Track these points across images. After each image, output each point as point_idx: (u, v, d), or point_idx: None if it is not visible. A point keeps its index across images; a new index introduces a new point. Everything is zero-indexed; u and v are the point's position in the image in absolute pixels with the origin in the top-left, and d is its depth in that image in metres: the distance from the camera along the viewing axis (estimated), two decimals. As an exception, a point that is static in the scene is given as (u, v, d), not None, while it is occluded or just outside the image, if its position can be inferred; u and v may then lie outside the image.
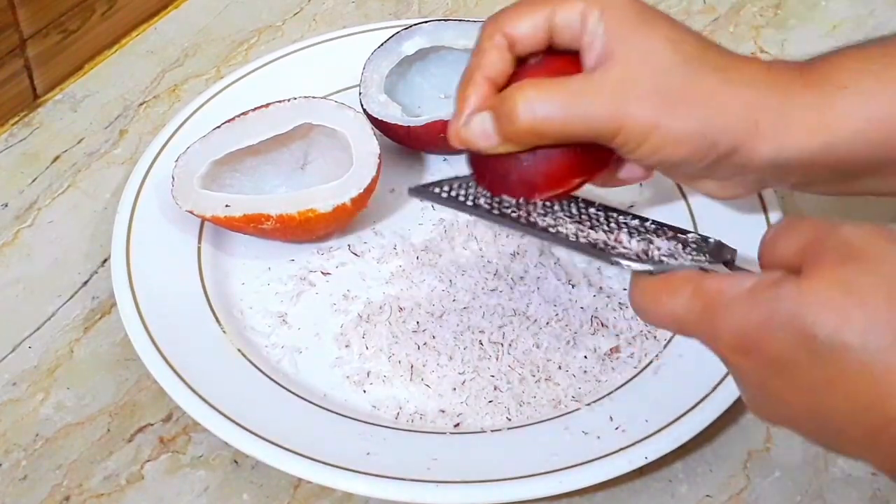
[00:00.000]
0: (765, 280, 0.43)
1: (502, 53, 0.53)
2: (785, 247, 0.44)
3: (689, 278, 0.46)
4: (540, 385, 0.61)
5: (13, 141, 0.76)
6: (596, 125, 0.51)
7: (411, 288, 0.66)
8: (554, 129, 0.51)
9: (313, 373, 0.62)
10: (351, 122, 0.68)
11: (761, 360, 0.43)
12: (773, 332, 0.42)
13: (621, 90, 0.51)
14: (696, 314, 0.45)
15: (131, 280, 0.64)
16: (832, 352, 0.41)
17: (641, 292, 0.48)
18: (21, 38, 0.74)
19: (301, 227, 0.65)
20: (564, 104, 0.51)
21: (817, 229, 0.44)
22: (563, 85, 0.51)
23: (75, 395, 0.63)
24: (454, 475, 0.56)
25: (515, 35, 0.53)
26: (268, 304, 0.66)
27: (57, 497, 0.58)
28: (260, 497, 0.58)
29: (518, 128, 0.51)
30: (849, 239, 0.42)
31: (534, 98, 0.51)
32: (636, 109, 0.50)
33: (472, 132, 0.53)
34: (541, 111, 0.51)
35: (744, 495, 0.59)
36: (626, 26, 0.51)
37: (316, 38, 0.79)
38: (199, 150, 0.68)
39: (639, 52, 0.51)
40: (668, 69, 0.51)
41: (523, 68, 0.54)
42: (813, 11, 0.87)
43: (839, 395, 0.41)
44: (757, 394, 0.45)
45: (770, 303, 0.42)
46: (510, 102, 0.51)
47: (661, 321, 0.47)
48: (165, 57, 0.82)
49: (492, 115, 0.52)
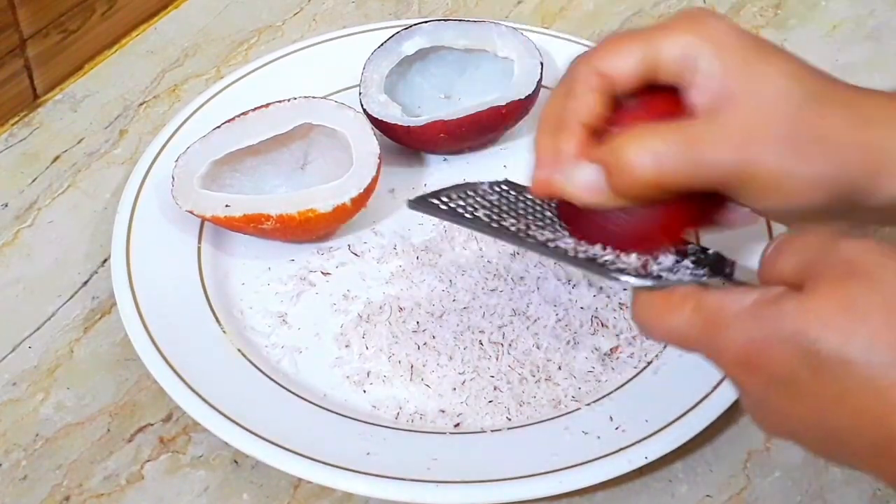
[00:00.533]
0: (767, 296, 0.43)
1: (598, 95, 0.48)
2: (785, 262, 0.44)
3: (689, 294, 0.46)
4: (540, 385, 0.61)
5: (13, 141, 0.76)
6: (724, 174, 0.46)
7: (411, 288, 0.66)
8: (677, 182, 0.46)
9: (313, 373, 0.62)
10: (351, 122, 0.68)
11: (765, 377, 0.43)
12: (775, 349, 0.42)
13: (749, 134, 0.46)
14: (698, 330, 0.45)
15: (131, 280, 0.64)
16: (836, 368, 0.41)
17: (643, 309, 0.47)
18: (21, 38, 0.74)
19: (301, 227, 0.65)
20: (688, 153, 0.46)
21: (817, 245, 0.43)
22: (683, 132, 0.46)
23: (75, 395, 0.63)
24: (454, 475, 0.56)
25: (614, 75, 0.48)
26: (268, 304, 0.66)
27: (57, 497, 0.58)
28: (260, 497, 0.58)
29: (636, 181, 0.46)
30: (849, 255, 0.42)
31: (652, 147, 0.46)
32: (764, 156, 0.46)
33: (578, 187, 0.48)
34: (665, 161, 0.46)
35: (744, 495, 0.59)
36: (742, 63, 0.47)
37: (316, 38, 0.79)
38: (199, 150, 0.68)
39: (762, 91, 0.46)
40: (798, 110, 0.46)
41: (622, 111, 0.49)
42: (813, 11, 0.87)
43: (844, 410, 0.41)
44: (761, 409, 0.45)
45: (772, 320, 0.42)
46: (628, 152, 0.46)
47: (664, 337, 0.47)
48: (165, 57, 0.82)
49: (601, 168, 0.47)
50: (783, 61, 0.47)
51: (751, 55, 0.47)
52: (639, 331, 0.48)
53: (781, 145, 0.46)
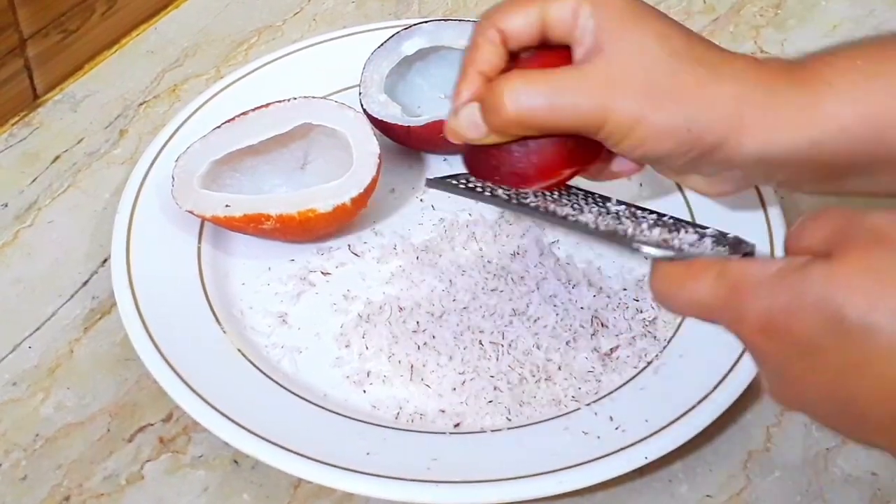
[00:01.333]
0: (793, 263, 0.43)
1: (495, 48, 0.54)
2: (813, 234, 0.44)
3: (712, 263, 0.46)
4: (540, 385, 0.61)
5: (13, 141, 0.76)
6: (581, 117, 0.51)
7: (411, 288, 0.66)
8: (539, 120, 0.52)
9: (313, 373, 0.62)
10: (351, 122, 0.68)
11: (787, 343, 0.42)
12: (800, 314, 0.42)
13: (607, 83, 0.51)
14: (721, 298, 0.45)
15: (131, 280, 0.64)
16: (861, 334, 0.40)
17: (663, 278, 0.47)
18: (21, 38, 0.74)
19: (301, 227, 0.65)
20: (550, 95, 0.51)
21: (845, 216, 0.43)
22: (549, 76, 0.52)
23: (75, 395, 0.63)
24: (454, 475, 0.56)
25: (508, 30, 0.54)
26: (268, 304, 0.66)
27: (57, 497, 0.58)
28: (260, 497, 0.59)
29: (504, 118, 0.52)
30: (878, 225, 0.42)
31: (519, 88, 0.52)
32: (621, 102, 0.51)
33: (461, 123, 0.54)
34: (526, 102, 0.52)
35: (744, 495, 0.59)
36: (616, 21, 0.52)
37: (316, 38, 0.79)
38: (199, 150, 0.68)
39: (627, 46, 0.52)
40: (655, 64, 0.51)
41: (515, 63, 0.54)
42: (813, 11, 0.87)
43: (866, 377, 0.41)
44: (780, 378, 0.44)
45: (798, 285, 0.42)
46: (496, 93, 0.52)
47: (684, 307, 0.47)
48: (165, 57, 0.82)
49: (480, 106, 0.53)
50: (655, 22, 0.53)
51: (626, 15, 0.52)
52: (658, 302, 0.48)
53: (634, 94, 0.51)
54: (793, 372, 0.43)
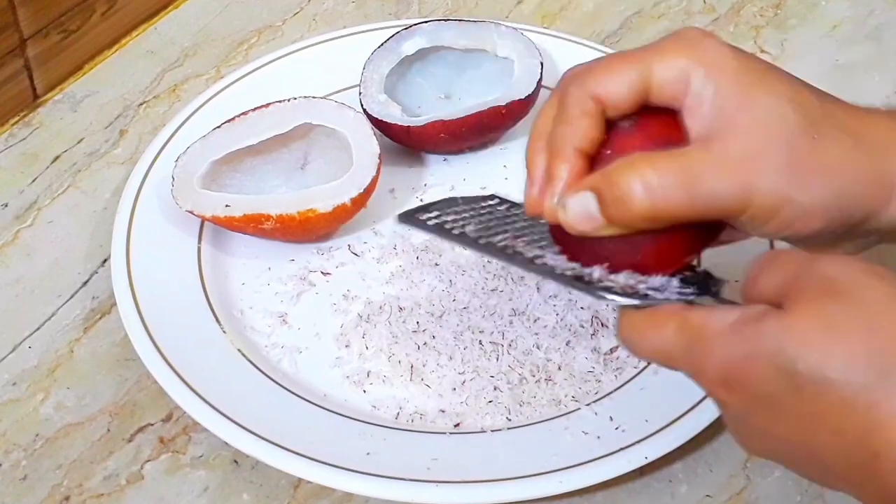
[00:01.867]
0: (747, 315, 0.43)
1: (591, 118, 0.47)
2: (767, 280, 0.44)
3: (673, 313, 0.45)
4: (540, 385, 0.61)
5: (13, 141, 0.76)
6: (722, 204, 0.45)
7: (411, 288, 0.66)
8: (672, 212, 0.45)
9: (313, 373, 0.62)
10: (351, 122, 0.68)
11: (745, 395, 0.43)
12: (756, 368, 0.42)
13: (747, 163, 0.45)
14: (682, 349, 0.45)
15: (131, 280, 0.64)
16: (815, 387, 0.41)
17: (627, 327, 0.47)
18: (21, 38, 0.74)
19: (301, 227, 0.65)
20: (686, 183, 0.45)
21: (798, 264, 0.43)
22: (678, 160, 0.45)
23: (75, 395, 0.63)
24: (454, 475, 0.56)
25: (607, 98, 0.47)
26: (268, 304, 0.66)
27: (57, 497, 0.58)
28: (260, 497, 0.58)
29: (633, 212, 0.45)
30: (829, 273, 0.42)
31: (650, 178, 0.45)
32: (765, 184, 0.45)
33: (572, 215, 0.47)
34: (661, 193, 0.45)
35: (744, 495, 0.59)
36: (739, 87, 0.46)
37: (316, 38, 0.79)
38: (199, 150, 0.68)
39: (761, 116, 0.45)
40: (795, 136, 0.45)
41: (616, 134, 0.48)
42: (813, 11, 0.87)
43: (824, 430, 0.41)
44: (743, 428, 0.45)
45: (753, 338, 0.42)
46: (623, 184, 0.45)
47: (648, 355, 0.47)
48: (165, 57, 0.82)
49: (595, 197, 0.46)
50: (781, 84, 0.47)
51: (747, 78, 0.46)
52: (625, 348, 0.48)
53: (780, 173, 0.45)
54: (754, 422, 0.44)
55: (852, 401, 0.40)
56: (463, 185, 0.72)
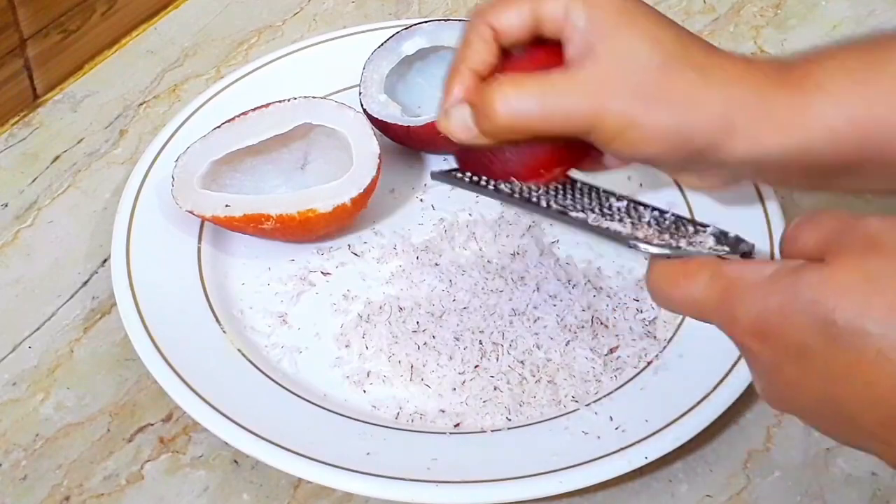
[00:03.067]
0: (786, 266, 0.43)
1: (487, 45, 0.54)
2: (807, 237, 0.44)
3: (707, 263, 0.46)
4: (540, 385, 0.61)
5: (13, 141, 0.76)
6: (571, 121, 0.51)
7: (411, 288, 0.66)
8: (530, 126, 0.52)
9: (313, 373, 0.62)
10: (351, 122, 0.68)
11: (779, 345, 0.43)
12: (792, 317, 0.42)
13: (597, 87, 0.51)
14: (715, 298, 0.45)
15: (131, 280, 0.64)
16: (851, 338, 0.40)
17: (659, 275, 0.47)
18: (21, 38, 0.74)
19: (301, 227, 0.65)
20: (540, 101, 0.51)
21: (840, 220, 0.43)
22: (540, 81, 0.52)
23: (75, 395, 0.63)
24: (454, 475, 0.56)
25: (500, 26, 0.54)
26: (268, 304, 0.66)
27: (57, 497, 0.58)
28: (260, 497, 0.59)
29: (495, 123, 0.52)
30: (873, 230, 0.42)
31: (510, 94, 0.51)
32: (611, 106, 0.51)
33: (452, 124, 0.54)
34: (517, 108, 0.51)
35: (744, 495, 0.59)
36: (608, 22, 0.52)
37: (316, 38, 0.79)
38: (199, 150, 0.68)
39: (618, 49, 0.51)
40: (646, 67, 0.51)
41: (507, 60, 0.54)
42: (813, 11, 0.87)
43: (856, 382, 0.41)
44: (771, 380, 0.45)
45: (791, 288, 0.42)
46: (488, 98, 0.52)
47: (678, 305, 0.47)
48: (165, 57, 0.82)
49: (471, 109, 0.53)
50: (647, 23, 0.52)
51: (618, 15, 0.52)
52: (653, 299, 0.48)
53: (624, 98, 0.51)
54: (784, 375, 0.44)
55: (888, 354, 0.40)
56: (463, 185, 0.72)
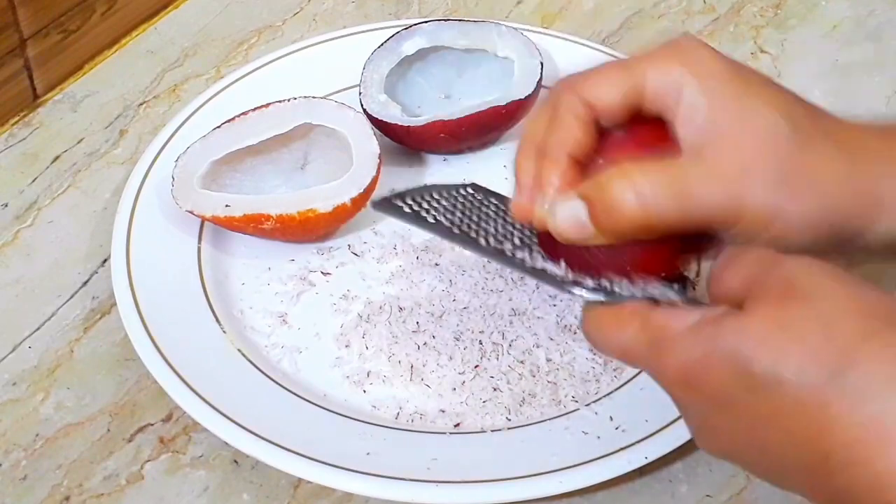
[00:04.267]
0: (708, 316, 0.43)
1: (583, 124, 0.47)
2: (731, 278, 0.44)
3: (637, 312, 0.46)
4: (540, 385, 0.61)
5: (13, 141, 0.76)
6: (711, 214, 0.45)
7: (411, 288, 0.66)
8: (666, 222, 0.45)
9: (313, 373, 0.62)
10: (351, 122, 0.68)
11: (703, 395, 0.43)
12: (713, 368, 0.42)
13: (739, 175, 0.45)
14: (643, 348, 0.45)
15: (131, 280, 0.64)
16: (769, 387, 0.41)
17: (592, 323, 0.47)
18: (21, 38, 0.74)
19: (301, 227, 0.65)
20: (677, 193, 0.45)
21: (760, 263, 0.43)
22: (670, 170, 0.45)
23: (75, 395, 0.63)
24: (454, 475, 0.56)
25: (599, 105, 0.47)
26: (268, 304, 0.66)
27: (57, 497, 0.58)
28: (260, 497, 0.58)
29: (623, 221, 0.45)
30: (790, 274, 0.42)
31: (642, 186, 0.45)
32: (757, 196, 0.45)
33: (562, 222, 0.47)
34: (652, 202, 0.45)
35: (744, 495, 0.59)
36: (732, 98, 0.46)
37: (316, 38, 0.79)
38: (199, 150, 0.68)
39: (752, 129, 0.45)
40: (786, 149, 0.45)
41: (608, 142, 0.48)
42: (813, 11, 0.87)
43: (777, 430, 0.41)
44: (701, 428, 0.45)
45: (711, 339, 0.42)
46: (614, 192, 0.45)
47: (611, 352, 0.47)
48: (165, 57, 0.82)
49: (585, 205, 0.46)
50: (773, 96, 0.47)
51: (740, 90, 0.46)
52: (589, 343, 0.48)
53: (771, 184, 0.45)
54: (711, 422, 0.44)
55: (805, 401, 0.40)
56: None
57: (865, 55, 0.84)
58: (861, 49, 0.84)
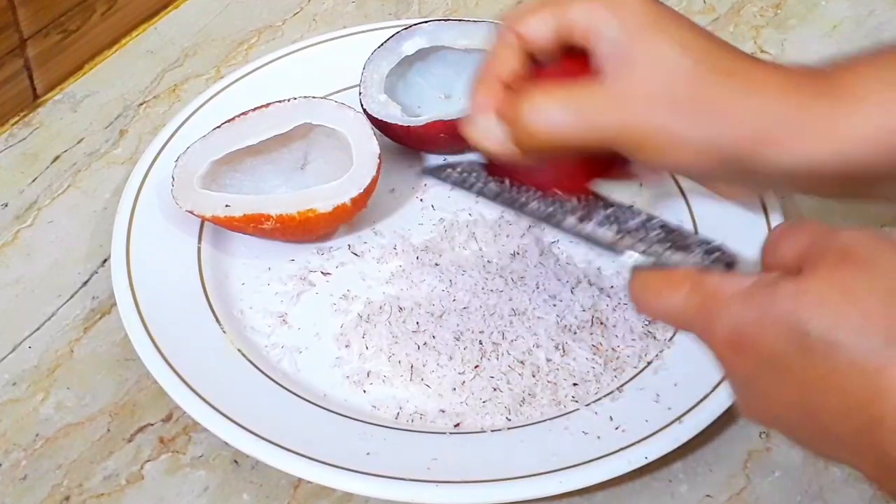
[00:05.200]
0: (763, 279, 0.44)
1: (514, 53, 0.52)
2: (785, 250, 0.45)
3: (688, 274, 0.47)
4: (540, 385, 0.61)
5: (13, 141, 0.76)
6: (606, 134, 0.50)
7: (411, 288, 0.66)
8: (565, 139, 0.50)
9: (313, 373, 0.62)
10: (351, 122, 0.68)
11: (755, 357, 0.43)
12: (767, 329, 0.42)
13: (632, 99, 0.50)
14: (694, 309, 0.46)
15: (131, 280, 0.64)
16: (825, 349, 0.41)
17: (641, 285, 0.48)
18: (21, 38, 0.74)
19: (301, 227, 0.65)
20: (575, 114, 0.50)
21: (817, 233, 0.44)
22: (573, 93, 0.51)
23: (75, 395, 0.63)
24: (454, 475, 0.56)
25: (527, 34, 0.52)
26: (268, 304, 0.66)
27: (57, 497, 0.58)
28: (260, 497, 0.59)
29: (527, 136, 0.51)
30: (848, 243, 0.43)
31: (542, 107, 0.50)
32: (647, 119, 0.50)
33: (479, 133, 0.52)
34: (551, 121, 0.50)
35: (744, 495, 0.59)
36: (638, 29, 0.50)
37: (316, 38, 0.79)
38: (199, 150, 0.68)
39: (650, 58, 0.50)
40: (681, 76, 0.50)
41: (538, 71, 0.53)
42: (813, 11, 0.87)
43: (829, 392, 0.41)
44: (748, 392, 0.46)
45: (766, 300, 0.43)
46: (519, 111, 0.51)
47: (659, 314, 0.48)
48: (165, 57, 0.82)
49: (501, 121, 0.51)
50: (678, 30, 0.51)
51: (647, 21, 0.50)
52: (634, 306, 0.49)
53: (667, 111, 0.49)
54: (760, 386, 0.44)
55: (861, 364, 0.40)
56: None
57: (865, 55, 0.83)
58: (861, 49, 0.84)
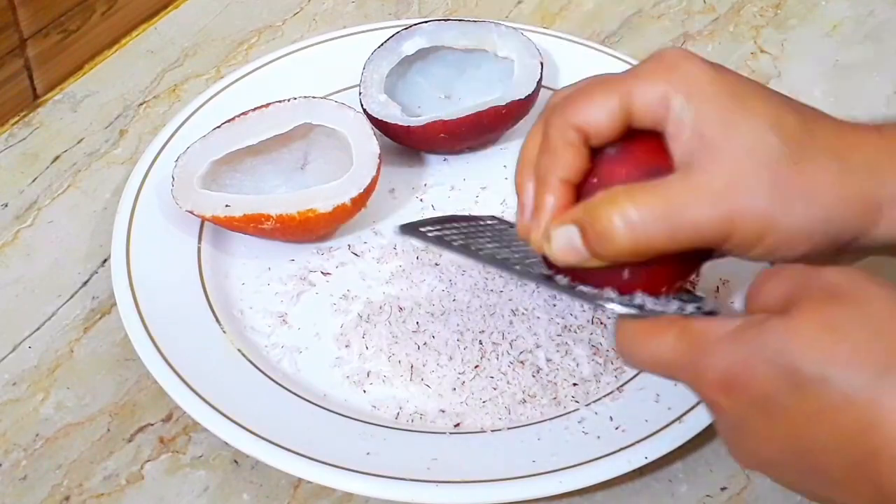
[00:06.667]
0: (750, 320, 0.43)
1: (577, 150, 0.47)
2: (770, 292, 0.44)
3: (675, 321, 0.46)
4: (540, 385, 0.61)
5: (13, 141, 0.76)
6: (703, 234, 0.45)
7: (411, 288, 0.66)
8: (655, 246, 0.46)
9: (313, 373, 0.62)
10: (351, 122, 0.68)
11: (745, 398, 0.43)
12: (757, 368, 0.42)
13: (727, 191, 0.45)
14: (681, 355, 0.45)
15: (131, 280, 0.64)
16: (816, 385, 0.41)
17: (626, 335, 0.47)
18: (21, 38, 0.74)
19: (301, 227, 0.65)
20: (667, 216, 0.45)
21: (801, 273, 0.44)
22: (661, 193, 0.45)
23: (75, 395, 0.63)
24: (454, 475, 0.56)
25: (589, 127, 0.47)
26: (268, 304, 0.66)
27: (57, 497, 0.58)
28: (260, 497, 0.59)
29: (616, 248, 0.46)
30: (833, 280, 0.43)
31: (631, 213, 0.45)
32: (748, 212, 0.45)
33: (557, 248, 0.47)
34: (642, 228, 0.45)
35: (744, 495, 0.59)
36: (719, 111, 0.46)
37: (316, 38, 0.79)
38: (199, 150, 0.68)
39: (740, 141, 0.45)
40: (775, 157, 0.45)
41: (601, 161, 0.48)
42: (813, 11, 0.87)
43: (822, 428, 0.41)
44: (739, 436, 0.45)
45: (756, 340, 0.42)
46: (604, 219, 0.45)
47: (646, 364, 0.47)
48: (165, 57, 0.82)
49: (579, 230, 0.47)
50: (762, 106, 0.46)
51: (727, 102, 0.46)
52: (621, 357, 0.48)
53: (762, 200, 0.45)
54: (750, 427, 0.44)
55: (853, 397, 0.40)
56: (463, 184, 0.72)
57: (865, 55, 0.84)
58: (861, 49, 0.84)
